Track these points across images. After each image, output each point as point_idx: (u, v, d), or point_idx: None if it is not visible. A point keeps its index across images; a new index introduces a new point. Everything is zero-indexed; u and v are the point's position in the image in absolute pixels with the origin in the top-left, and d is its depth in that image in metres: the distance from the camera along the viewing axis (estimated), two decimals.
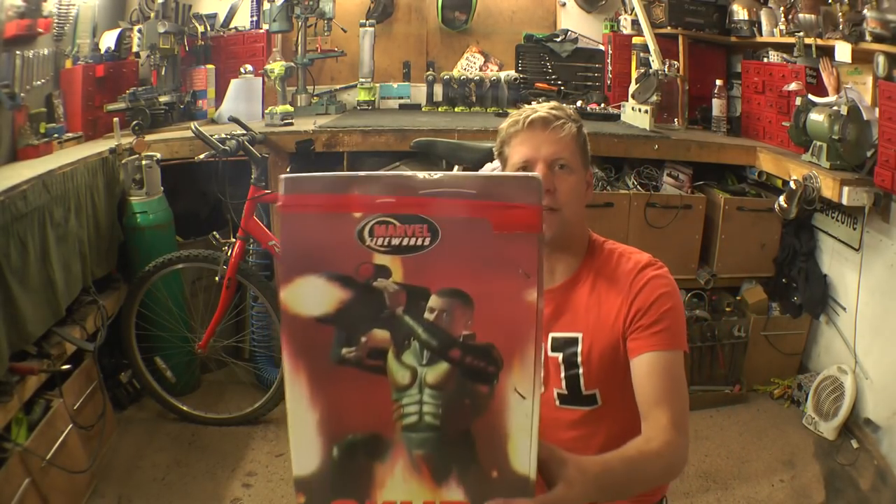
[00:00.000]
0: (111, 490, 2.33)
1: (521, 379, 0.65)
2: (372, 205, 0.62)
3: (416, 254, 0.63)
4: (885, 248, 2.49)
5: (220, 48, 3.62)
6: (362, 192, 0.63)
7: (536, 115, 1.26)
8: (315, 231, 0.63)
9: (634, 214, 2.89)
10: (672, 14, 3.36)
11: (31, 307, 2.05)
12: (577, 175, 1.27)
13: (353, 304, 0.64)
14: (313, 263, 0.64)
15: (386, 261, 0.63)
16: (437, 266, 0.63)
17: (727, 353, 2.96)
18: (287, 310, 0.65)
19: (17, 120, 2.43)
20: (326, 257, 0.63)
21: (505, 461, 0.67)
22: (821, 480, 2.46)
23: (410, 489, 0.67)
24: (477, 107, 3.71)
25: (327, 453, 0.67)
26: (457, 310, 0.64)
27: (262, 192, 2.60)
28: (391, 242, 0.62)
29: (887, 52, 2.30)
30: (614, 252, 1.30)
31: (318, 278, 0.64)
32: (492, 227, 0.63)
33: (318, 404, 0.66)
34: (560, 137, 1.25)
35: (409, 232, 0.62)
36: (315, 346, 0.65)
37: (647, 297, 1.20)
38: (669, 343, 1.17)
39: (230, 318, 2.81)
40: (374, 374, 0.65)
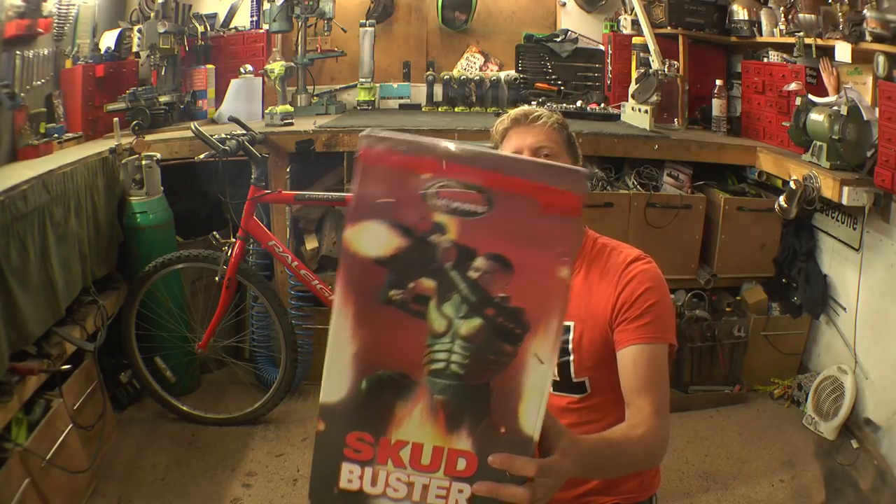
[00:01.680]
0: (111, 490, 2.33)
1: (542, 345, 0.71)
2: (441, 170, 0.70)
3: (470, 218, 0.70)
4: (885, 248, 2.49)
5: (220, 48, 3.62)
6: (435, 158, 0.70)
7: (519, 110, 1.39)
8: (387, 183, 0.70)
9: (634, 214, 2.89)
10: (672, 14, 3.36)
11: (31, 307, 2.05)
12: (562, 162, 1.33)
13: (409, 252, 0.71)
14: (380, 211, 0.70)
15: (444, 220, 0.70)
16: (487, 232, 0.70)
17: (727, 353, 2.96)
18: (349, 247, 0.71)
19: (17, 120, 2.43)
20: (392, 207, 0.71)
21: (514, 419, 0.74)
22: (821, 480, 2.46)
23: (424, 432, 0.73)
24: (477, 107, 3.71)
25: (356, 385, 0.73)
26: (497, 273, 0.71)
27: (262, 192, 2.60)
28: (451, 205, 0.70)
29: (887, 52, 2.30)
30: (607, 247, 1.36)
31: (381, 224, 0.70)
32: (539, 207, 0.70)
33: (357, 337, 0.73)
34: (541, 127, 1.35)
35: (468, 198, 0.69)
36: (367, 284, 0.71)
37: (634, 289, 1.25)
38: (654, 336, 1.21)
39: (230, 318, 2.81)
40: (415, 318, 0.71)
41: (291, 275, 2.80)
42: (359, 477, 0.73)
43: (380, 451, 0.73)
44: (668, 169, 3.03)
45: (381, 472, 0.74)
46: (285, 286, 2.95)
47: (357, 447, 0.73)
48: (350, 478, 0.74)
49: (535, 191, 0.70)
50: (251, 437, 2.67)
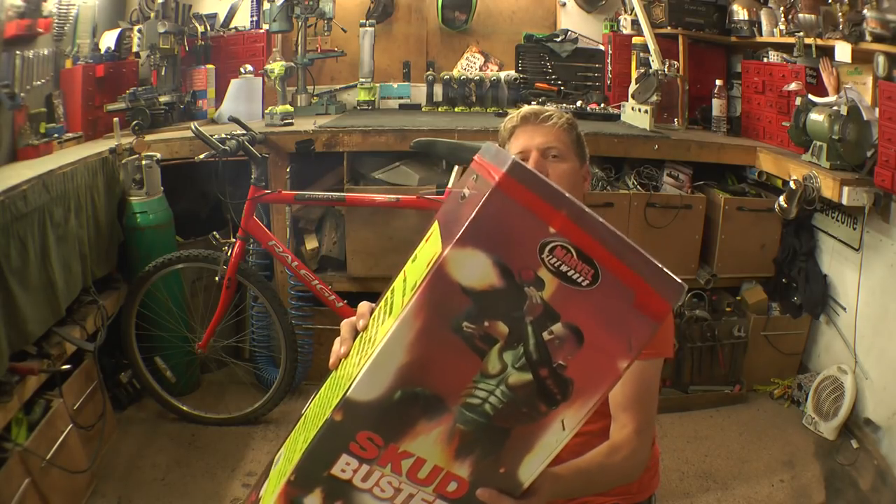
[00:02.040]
0: (111, 490, 2.33)
1: (572, 416, 0.74)
2: (568, 229, 0.69)
3: (571, 287, 0.70)
4: (885, 248, 2.49)
5: (220, 48, 3.62)
6: (569, 216, 0.69)
7: (529, 109, 1.39)
8: (512, 220, 0.69)
9: (634, 214, 2.89)
10: (672, 14, 3.36)
11: (31, 307, 2.05)
12: (571, 164, 1.35)
13: (500, 293, 0.70)
14: (491, 243, 0.69)
15: (547, 277, 0.69)
16: (579, 304, 0.70)
17: (727, 353, 2.96)
18: (444, 267, 0.69)
19: (17, 120, 2.43)
20: (505, 245, 0.69)
21: (516, 465, 0.76)
22: (821, 480, 2.46)
23: (433, 451, 0.74)
24: (477, 107, 3.71)
25: (390, 392, 0.72)
26: (568, 343, 0.71)
27: (262, 192, 2.60)
28: (560, 267, 0.69)
29: (887, 52, 2.30)
30: None
31: (486, 258, 0.69)
32: (633, 301, 0.71)
33: (412, 352, 0.71)
34: (550, 127, 1.36)
35: (578, 268, 0.69)
36: (445, 308, 0.70)
37: None
38: (654, 350, 1.20)
39: (230, 318, 2.81)
40: (473, 354, 0.71)
41: (291, 275, 2.80)
42: (353, 470, 0.74)
43: (384, 454, 0.74)
44: (668, 169, 3.03)
45: (375, 472, 0.74)
46: (285, 286, 2.95)
47: (364, 445, 0.74)
48: (344, 468, 0.74)
49: (637, 285, 0.70)
50: (251, 437, 2.67)
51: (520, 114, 1.40)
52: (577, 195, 1.33)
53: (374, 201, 2.67)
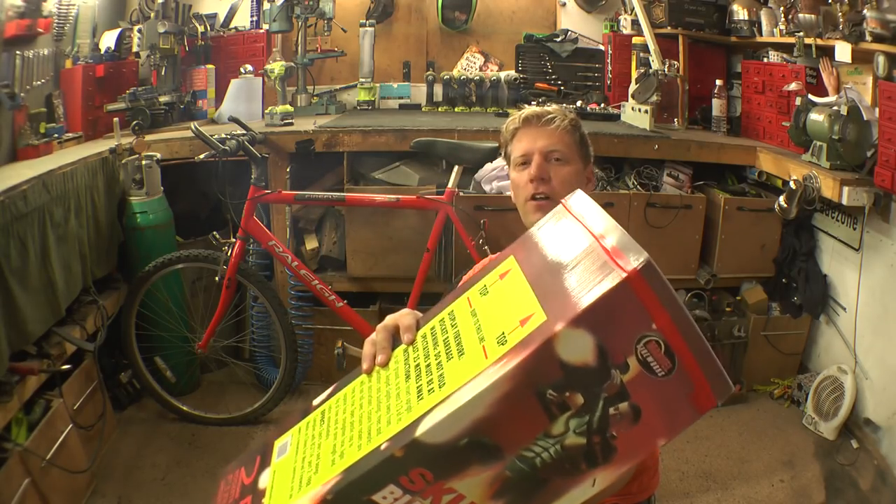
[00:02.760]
0: (111, 490, 2.33)
1: (604, 476, 0.77)
2: (667, 330, 0.72)
3: (649, 375, 0.73)
4: (885, 248, 2.49)
5: (220, 48, 3.62)
6: (672, 317, 0.72)
7: (531, 111, 1.36)
8: (624, 310, 0.72)
9: (634, 214, 2.89)
10: (672, 14, 3.36)
11: (31, 307, 2.05)
12: (574, 167, 1.34)
13: (591, 371, 0.73)
14: (600, 327, 0.72)
15: (633, 364, 0.73)
16: (649, 389, 0.73)
17: (727, 353, 2.96)
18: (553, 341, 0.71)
19: (17, 120, 2.43)
20: (611, 330, 0.72)
21: None
22: (821, 480, 2.46)
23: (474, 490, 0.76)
24: (477, 107, 3.71)
25: (458, 439, 0.74)
26: (627, 420, 0.75)
27: (262, 192, 2.60)
28: (647, 358, 0.72)
29: (887, 52, 2.30)
30: None
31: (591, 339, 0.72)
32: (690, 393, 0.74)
33: (492, 408, 0.73)
34: (553, 130, 1.34)
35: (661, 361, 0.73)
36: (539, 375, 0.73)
37: None
38: None
39: (230, 318, 2.81)
40: (546, 416, 0.74)
41: (291, 275, 2.80)
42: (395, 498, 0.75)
43: (430, 488, 0.75)
44: (668, 169, 3.03)
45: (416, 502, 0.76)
46: (285, 286, 2.95)
47: (414, 479, 0.75)
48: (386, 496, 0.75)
49: (698, 380, 0.74)
50: (251, 437, 2.67)
51: (522, 115, 1.38)
52: None
53: (374, 201, 2.67)
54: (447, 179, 2.64)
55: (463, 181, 2.73)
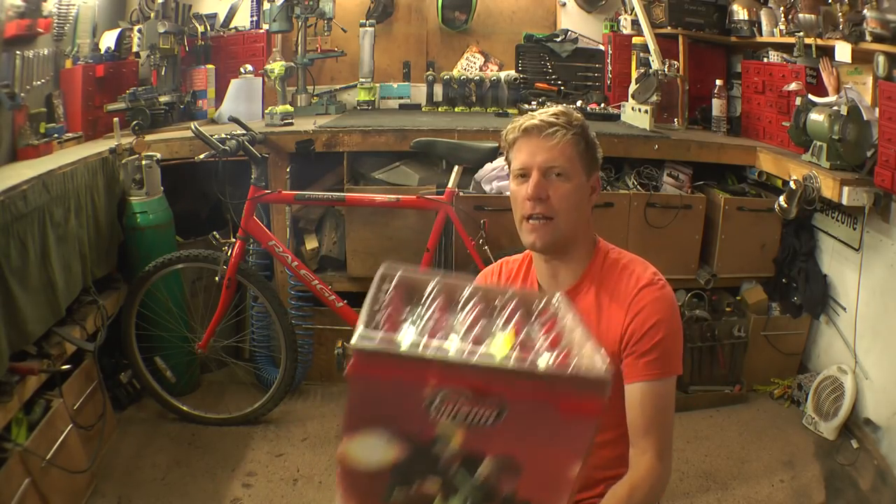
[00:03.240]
0: (111, 490, 2.33)
1: None
2: (445, 379, 0.67)
3: (479, 426, 0.68)
4: (885, 248, 2.49)
5: (220, 48, 3.61)
6: (440, 367, 0.68)
7: (531, 121, 1.27)
8: (385, 396, 0.69)
9: (634, 214, 2.89)
10: (672, 14, 3.36)
11: (31, 307, 2.05)
12: (575, 182, 1.27)
13: (411, 459, 0.70)
14: (378, 422, 0.69)
15: (448, 429, 0.69)
16: (497, 437, 0.69)
17: (727, 353, 2.96)
18: (345, 461, 0.70)
19: (17, 120, 2.43)
20: (392, 418, 0.69)
21: None
22: (821, 480, 2.46)
23: None
24: (477, 107, 3.71)
25: None
26: (505, 473, 0.71)
27: (262, 192, 2.60)
28: (457, 413, 0.68)
29: (887, 52, 2.30)
30: (618, 263, 1.30)
31: (380, 435, 0.69)
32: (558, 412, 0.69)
33: None
34: (554, 144, 1.26)
35: (477, 407, 0.68)
36: (370, 493, 0.71)
37: (644, 321, 1.22)
38: (661, 372, 1.21)
39: (230, 318, 2.81)
40: None
41: (291, 275, 2.80)
42: None
43: None
44: (668, 169, 3.03)
45: None
46: (285, 286, 2.95)
47: None
48: None
49: (552, 397, 0.68)
50: (251, 437, 2.67)
51: (522, 124, 1.29)
52: (583, 212, 1.30)
53: (374, 201, 2.67)
54: (447, 179, 2.64)
55: (463, 181, 2.73)
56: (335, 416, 2.84)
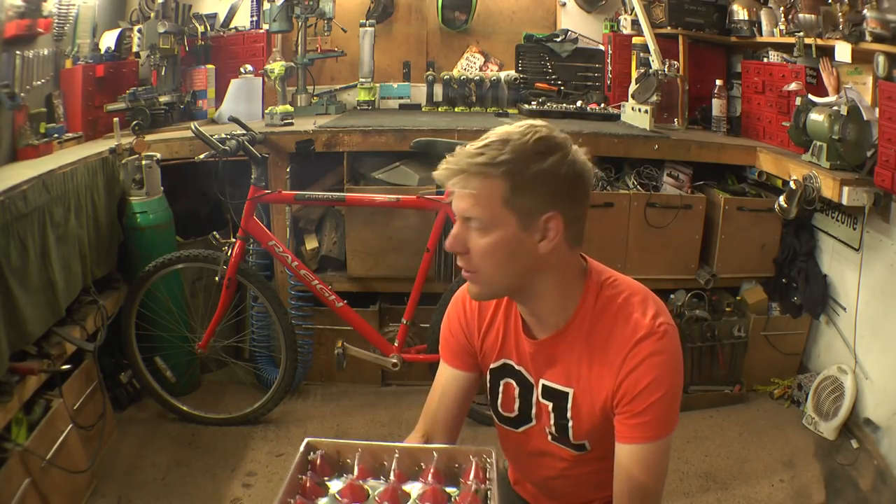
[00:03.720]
0: (111, 490, 2.33)
1: None
2: None
3: None
4: (885, 248, 2.49)
5: (220, 48, 3.61)
6: None
7: (442, 167, 1.08)
8: None
9: (634, 214, 2.89)
10: (672, 14, 3.36)
11: (31, 307, 2.05)
12: (497, 234, 1.07)
13: None
14: None
15: None
16: None
17: (727, 353, 2.96)
18: None
19: (17, 120, 2.43)
20: None
21: None
22: (821, 480, 2.46)
23: None
24: (477, 107, 3.71)
25: None
26: None
27: (262, 192, 2.60)
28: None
29: (887, 52, 2.30)
30: (614, 302, 1.15)
31: None
32: None
33: None
34: (468, 193, 1.06)
35: None
36: None
37: (638, 380, 1.10)
38: (653, 434, 1.11)
39: (230, 318, 2.81)
40: None
41: (291, 275, 2.80)
42: None
43: None
44: (668, 169, 3.03)
45: None
46: (285, 286, 2.95)
47: None
48: None
49: None
50: (251, 437, 2.67)
51: (442, 168, 1.09)
52: (519, 264, 1.11)
53: (374, 201, 2.67)
54: None
55: None
56: (335, 416, 2.84)
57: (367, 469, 1.09)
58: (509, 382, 1.28)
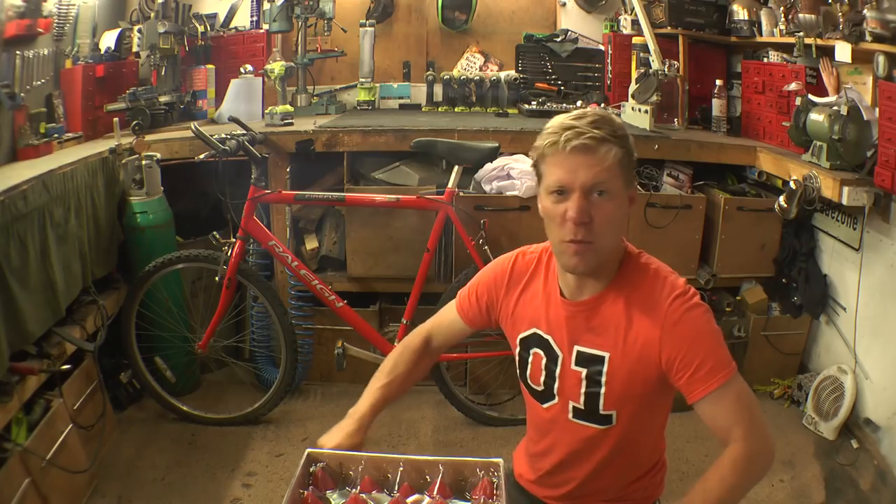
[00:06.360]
0: (111, 490, 2.33)
1: None
2: None
3: None
4: (885, 248, 2.49)
5: (220, 48, 3.61)
6: None
7: (579, 140, 1.13)
8: None
9: (634, 214, 2.88)
10: (672, 14, 3.36)
11: (31, 307, 2.05)
12: (618, 199, 1.18)
13: None
14: None
15: None
16: None
17: None
18: None
19: (17, 120, 2.43)
20: None
21: None
22: (821, 480, 2.46)
23: None
24: (477, 107, 3.71)
25: None
26: None
27: (262, 192, 2.60)
28: None
29: (887, 52, 2.30)
30: (649, 268, 1.25)
31: None
32: None
33: None
34: (599, 161, 1.14)
35: None
36: None
37: (682, 340, 1.16)
38: (721, 376, 1.15)
39: (230, 318, 2.81)
40: None
41: (291, 275, 2.80)
42: None
43: None
44: (668, 169, 3.03)
45: None
46: (285, 286, 2.95)
47: None
48: None
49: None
50: (251, 437, 2.67)
51: (562, 138, 1.14)
52: (621, 229, 1.23)
53: (374, 201, 2.67)
54: (447, 179, 2.64)
55: (463, 181, 2.73)
56: (335, 416, 2.80)
57: (371, 481, 1.09)
58: (538, 353, 1.31)
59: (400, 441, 2.66)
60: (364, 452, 1.14)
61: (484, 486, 1.07)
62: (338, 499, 1.07)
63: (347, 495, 1.06)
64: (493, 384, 2.91)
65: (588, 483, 1.33)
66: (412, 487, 1.08)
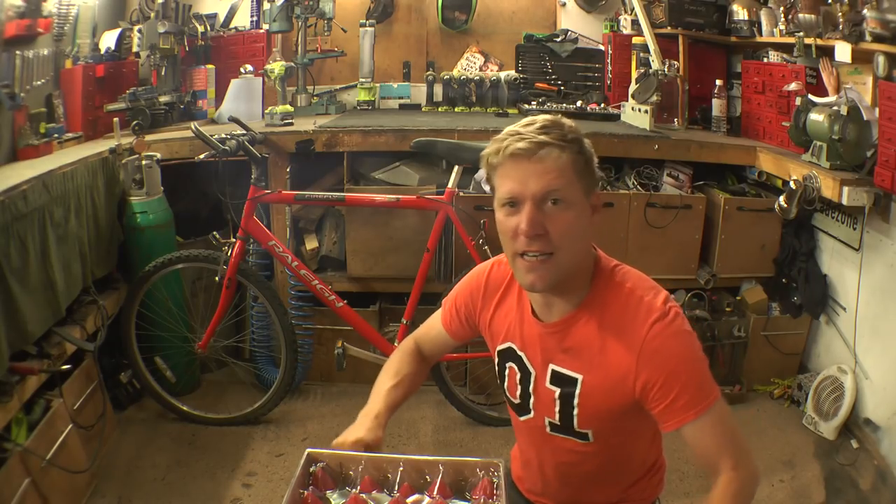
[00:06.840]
0: (111, 490, 2.33)
1: None
2: None
3: None
4: (885, 248, 2.49)
5: (220, 48, 3.61)
6: None
7: (520, 144, 1.07)
8: None
9: (634, 214, 2.89)
10: (672, 14, 3.36)
11: (31, 307, 2.05)
12: (576, 207, 1.10)
13: None
14: None
15: None
16: None
17: (727, 353, 2.96)
18: None
19: (17, 120, 2.43)
20: None
21: None
22: (821, 480, 2.46)
23: None
24: (477, 107, 3.71)
25: None
26: None
27: (262, 192, 2.60)
28: None
29: (887, 52, 2.30)
30: (623, 287, 1.15)
31: None
32: None
33: None
34: (548, 167, 1.07)
35: None
36: None
37: (660, 369, 1.09)
38: (700, 406, 1.10)
39: (230, 318, 2.81)
40: None
41: (291, 275, 2.80)
42: None
43: None
44: (668, 169, 3.04)
45: None
46: (285, 286, 2.95)
47: None
48: None
49: None
50: (251, 437, 2.67)
51: (507, 147, 1.08)
52: (583, 240, 1.14)
53: (374, 201, 2.67)
54: (447, 179, 2.64)
55: (463, 181, 2.73)
56: (335, 416, 2.84)
57: (371, 481, 1.09)
58: (512, 367, 1.29)
59: (400, 441, 2.66)
60: (364, 452, 1.14)
61: (484, 486, 1.07)
62: (338, 499, 1.07)
63: (347, 495, 1.06)
64: (493, 384, 2.91)
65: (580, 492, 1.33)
66: (412, 487, 1.08)
